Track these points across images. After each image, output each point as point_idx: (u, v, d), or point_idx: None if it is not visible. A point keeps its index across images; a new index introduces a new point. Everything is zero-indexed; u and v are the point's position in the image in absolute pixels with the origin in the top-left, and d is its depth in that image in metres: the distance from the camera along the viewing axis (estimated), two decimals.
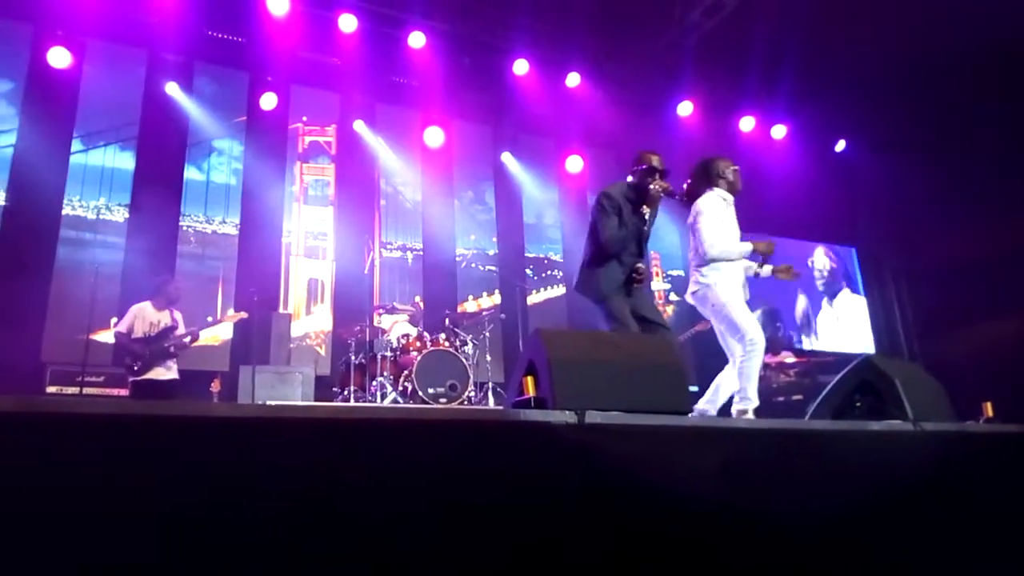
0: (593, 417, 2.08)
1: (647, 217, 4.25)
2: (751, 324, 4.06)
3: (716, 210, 4.27)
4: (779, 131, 11.23)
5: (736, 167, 4.45)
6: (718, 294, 4.12)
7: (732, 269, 4.23)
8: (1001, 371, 7.78)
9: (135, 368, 5.87)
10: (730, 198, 4.40)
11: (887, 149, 11.08)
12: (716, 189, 4.36)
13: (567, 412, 2.08)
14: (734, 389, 4.11)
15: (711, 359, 4.51)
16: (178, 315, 6.17)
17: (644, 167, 4.25)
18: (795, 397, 8.43)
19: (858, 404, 3.30)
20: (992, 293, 9.17)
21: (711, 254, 4.14)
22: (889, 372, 3.20)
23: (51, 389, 6.71)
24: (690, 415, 3.02)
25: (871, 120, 11.00)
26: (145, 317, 6.01)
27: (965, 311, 9.62)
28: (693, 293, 4.28)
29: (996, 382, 4.79)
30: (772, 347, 9.71)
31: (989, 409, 3.81)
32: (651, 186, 4.17)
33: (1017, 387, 6.69)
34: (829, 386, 3.53)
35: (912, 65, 9.74)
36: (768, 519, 2.14)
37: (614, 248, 4.12)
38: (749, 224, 11.78)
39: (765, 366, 9.26)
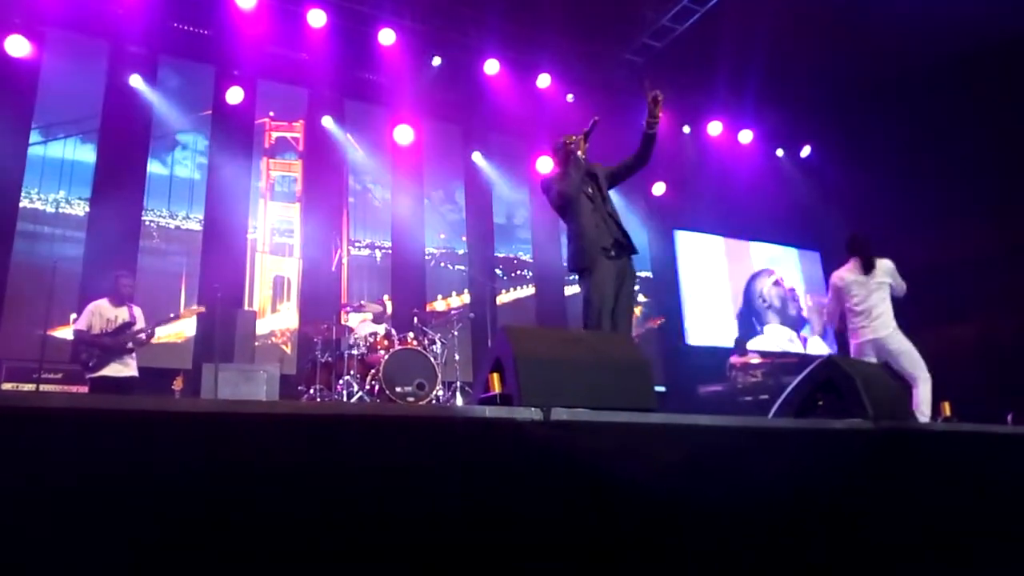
0: (559, 414, 2.07)
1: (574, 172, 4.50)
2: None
3: None
4: (746, 136, 11.37)
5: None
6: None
7: None
8: (959, 372, 7.97)
9: (90, 364, 5.76)
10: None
11: (852, 155, 11.29)
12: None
13: (533, 409, 2.06)
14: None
15: (668, 357, 4.62)
16: (137, 311, 6.05)
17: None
18: (762, 396, 8.61)
19: (820, 403, 3.33)
20: (952, 296, 9.40)
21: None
22: (850, 372, 3.23)
23: (7, 385, 6.57)
24: None
25: (836, 126, 11.20)
26: (102, 314, 5.89)
27: (925, 314, 9.82)
28: (885, 336, 5.28)
29: (954, 382, 4.91)
30: (738, 348, 9.84)
31: (947, 408, 3.89)
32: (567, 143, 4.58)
33: (975, 387, 6.88)
34: (792, 385, 3.57)
35: (877, 73, 9.94)
36: (730, 514, 2.16)
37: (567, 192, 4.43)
38: (717, 228, 11.90)
39: (731, 367, 9.40)
